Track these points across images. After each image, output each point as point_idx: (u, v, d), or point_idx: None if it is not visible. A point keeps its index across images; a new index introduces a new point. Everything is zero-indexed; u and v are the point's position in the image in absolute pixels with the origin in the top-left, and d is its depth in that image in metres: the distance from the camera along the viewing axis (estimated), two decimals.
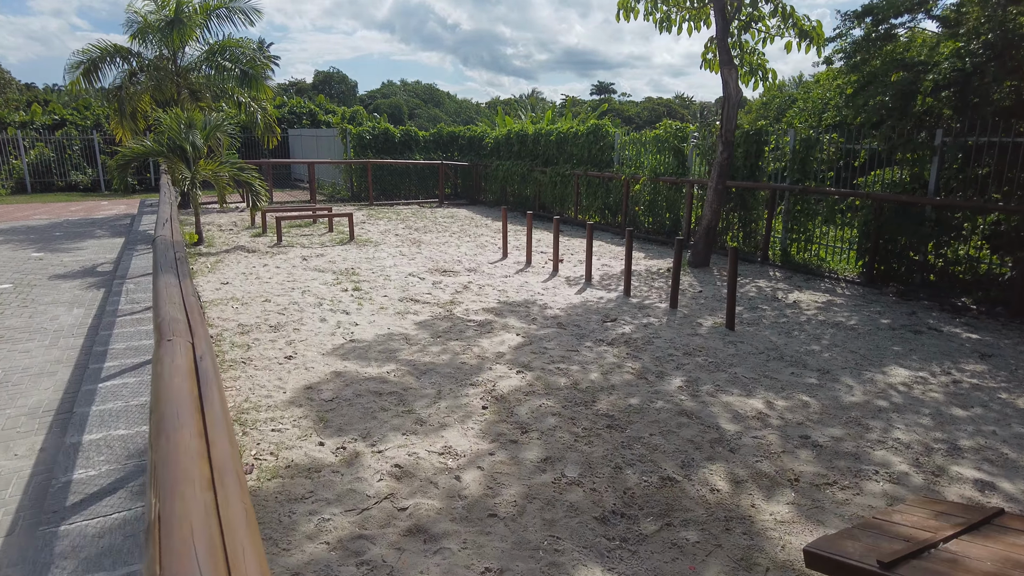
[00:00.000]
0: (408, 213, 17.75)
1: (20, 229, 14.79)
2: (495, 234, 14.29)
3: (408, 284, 9.30)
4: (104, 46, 16.31)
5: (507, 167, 18.46)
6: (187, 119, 11.17)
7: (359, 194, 20.31)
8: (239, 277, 9.47)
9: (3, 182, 24.35)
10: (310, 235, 13.48)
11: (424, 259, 11.25)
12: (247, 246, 11.97)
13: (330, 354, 6.22)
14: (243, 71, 16.45)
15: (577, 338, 6.91)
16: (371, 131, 20.39)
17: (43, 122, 26.12)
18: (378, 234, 13.92)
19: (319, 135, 24.54)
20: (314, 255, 11.29)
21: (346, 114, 28.52)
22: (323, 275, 9.71)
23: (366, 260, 11.00)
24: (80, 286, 9.28)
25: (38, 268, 10.62)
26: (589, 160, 15.37)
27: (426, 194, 21.23)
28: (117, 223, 15.62)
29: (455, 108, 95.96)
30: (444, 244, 12.85)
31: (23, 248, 12.42)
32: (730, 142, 10.20)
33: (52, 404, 5.16)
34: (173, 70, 16.89)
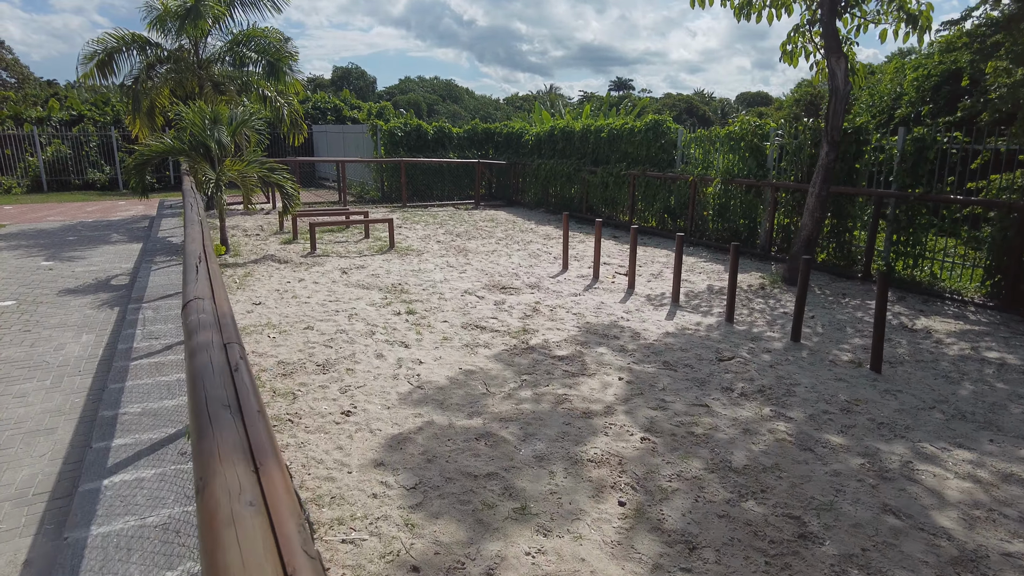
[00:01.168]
0: (445, 216, 16.47)
1: (31, 233, 13.69)
2: (545, 240, 12.96)
3: (467, 305, 8.00)
4: (121, 35, 15.14)
5: (550, 166, 17.11)
6: (212, 114, 9.95)
7: (390, 195, 19.07)
8: (272, 295, 8.22)
9: (19, 180, 23.41)
10: (345, 242, 12.23)
11: (476, 272, 9.95)
12: (278, 255, 10.73)
13: (398, 406, 4.93)
14: (269, 63, 15.23)
15: (695, 384, 5.58)
16: (403, 127, 19.13)
17: (61, 118, 25.15)
18: (418, 241, 12.65)
19: (345, 132, 23.32)
20: (354, 267, 10.03)
21: (372, 110, 27.33)
22: (369, 293, 8.44)
23: (412, 273, 9.72)
24: (91, 303, 8.09)
25: (47, 280, 9.45)
26: (647, 159, 14.00)
27: (460, 195, 19.94)
28: (134, 226, 14.49)
29: (474, 104, 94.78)
30: (493, 253, 11.55)
31: (33, 255, 11.29)
32: (837, 142, 8.80)
33: (47, 481, 3.93)
34: (194, 62, 15.71)
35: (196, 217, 5.01)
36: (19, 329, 7.14)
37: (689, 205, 12.74)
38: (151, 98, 15.99)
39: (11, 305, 8.26)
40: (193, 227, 4.37)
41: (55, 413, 5.00)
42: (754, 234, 11.83)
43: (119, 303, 8.02)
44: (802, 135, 10.61)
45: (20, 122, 24.63)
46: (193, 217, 5.00)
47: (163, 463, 3.30)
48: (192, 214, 5.20)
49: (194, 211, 5.36)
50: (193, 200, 5.86)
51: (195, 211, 5.38)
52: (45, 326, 7.29)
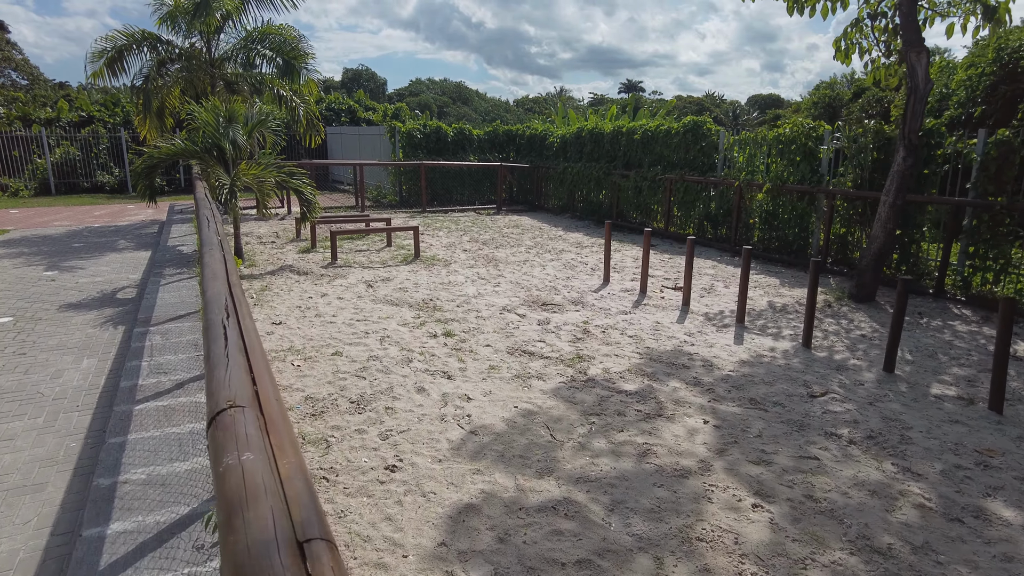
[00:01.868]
0: (467, 222, 15.68)
1: (35, 239, 13.01)
2: (577, 249, 12.15)
3: (508, 325, 7.21)
4: (131, 32, 14.47)
5: (577, 170, 16.31)
6: (227, 112, 9.21)
7: (408, 199, 18.31)
8: (294, 313, 7.45)
9: (26, 183, 22.82)
10: (366, 251, 11.47)
11: (511, 285, 9.16)
12: (297, 266, 9.97)
13: (451, 459, 4.14)
14: (285, 61, 14.51)
15: (793, 428, 4.76)
16: (422, 129, 18.37)
17: (70, 119, 24.57)
18: (443, 249, 11.87)
19: (361, 133, 22.60)
20: (379, 279, 9.26)
21: (388, 111, 26.62)
22: (399, 310, 7.65)
23: (443, 287, 8.94)
24: (95, 321, 7.34)
25: (48, 293, 8.73)
26: (685, 162, 13.18)
27: (481, 199, 19.16)
28: (143, 232, 13.79)
29: (484, 107, 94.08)
30: (525, 263, 10.75)
31: (35, 264, 10.58)
32: (916, 146, 7.96)
33: (30, 562, 3.16)
34: (206, 60, 15.02)
35: (215, 238, 4.07)
36: (13, 352, 6.41)
37: (733, 212, 11.91)
38: (161, 98, 15.31)
39: (7, 322, 7.53)
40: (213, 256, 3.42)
41: (46, 463, 4.24)
42: (805, 244, 10.99)
43: (124, 321, 7.27)
44: (863, 138, 9.77)
45: (29, 123, 24.05)
46: (212, 239, 4.06)
47: (173, 564, 2.52)
48: (210, 233, 4.25)
49: (212, 229, 4.41)
50: (209, 214, 4.95)
51: (213, 228, 4.44)
52: (42, 348, 6.55)
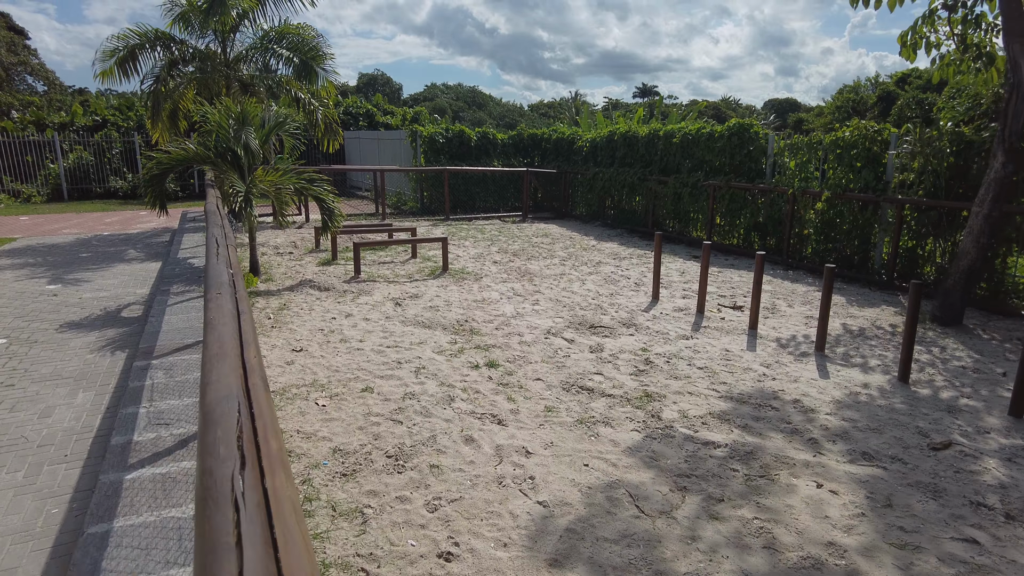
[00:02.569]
0: (493, 231, 14.86)
1: (41, 248, 12.34)
2: (616, 261, 11.29)
3: (558, 352, 6.36)
4: (144, 31, 13.80)
5: (609, 175, 15.45)
6: (239, 113, 8.45)
7: (430, 206, 17.53)
8: (316, 337, 6.65)
9: (39, 188, 22.32)
10: (391, 263, 10.67)
11: (551, 303, 8.32)
12: (317, 280, 9.19)
13: (521, 550, 3.29)
14: (303, 61, 13.78)
15: (927, 493, 3.86)
16: (444, 134, 17.60)
17: (84, 123, 24.07)
18: (472, 261, 11.05)
19: (380, 138, 21.87)
20: (407, 296, 8.45)
21: (407, 115, 25.92)
22: (432, 334, 6.83)
23: (477, 305, 8.12)
24: (95, 344, 6.59)
25: (48, 310, 8.00)
26: (730, 168, 12.29)
27: (505, 206, 18.35)
28: (153, 241, 13.10)
29: (499, 111, 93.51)
30: (562, 278, 9.90)
31: (39, 276, 9.89)
32: (1018, 150, 7.04)
33: None
34: (221, 60, 14.34)
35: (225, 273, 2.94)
36: (2, 381, 5.65)
37: (786, 223, 11.00)
38: (174, 100, 14.64)
39: (1, 345, 6.79)
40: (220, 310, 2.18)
41: (19, 535, 3.45)
42: (866, 258, 10.06)
43: (128, 343, 6.49)
44: (938, 141, 8.84)
45: (42, 128, 23.59)
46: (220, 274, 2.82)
47: None
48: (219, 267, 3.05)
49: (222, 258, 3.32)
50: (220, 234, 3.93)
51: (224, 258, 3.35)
52: (34, 377, 5.79)
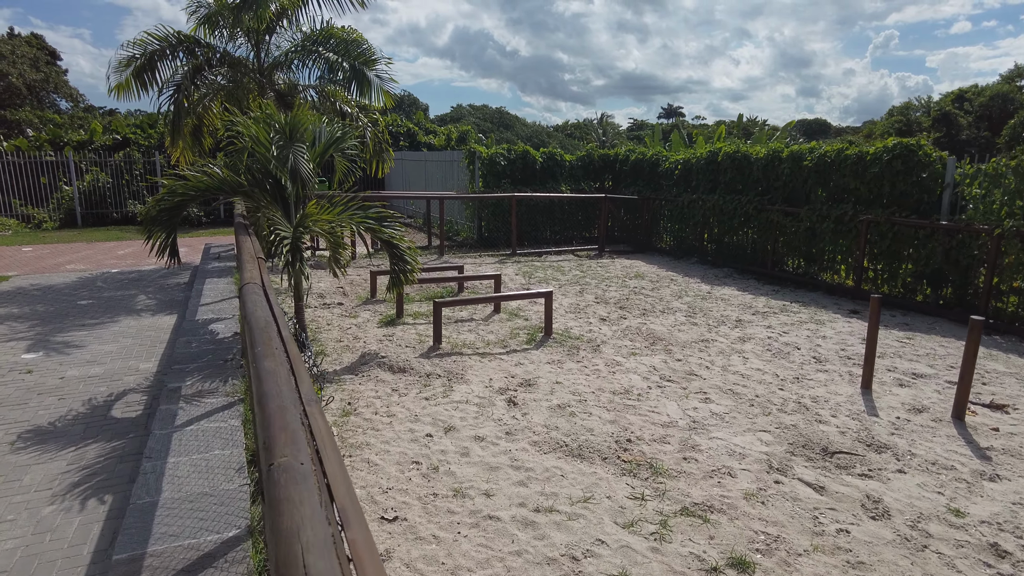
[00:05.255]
0: (573, 269, 12.33)
1: (35, 292, 10.06)
2: (760, 319, 8.69)
3: (820, 520, 3.79)
4: (164, 35, 11.63)
5: (711, 203, 12.90)
6: (286, 125, 6.06)
7: (489, 238, 15.07)
8: (411, 483, 4.13)
9: (51, 213, 20.32)
10: (469, 321, 8.17)
11: (725, 397, 5.76)
12: (385, 354, 6.71)
13: None
14: (353, 68, 11.50)
15: None
16: (507, 155, 15.20)
17: (103, 142, 22.13)
18: (571, 316, 8.54)
19: (428, 159, 19.54)
20: (516, 382, 5.93)
21: (452, 134, 23.67)
22: (592, 472, 4.27)
23: (623, 402, 5.58)
24: (62, 484, 4.16)
25: (13, 401, 5.61)
26: (890, 198, 9.69)
27: (576, 238, 15.84)
28: (169, 282, 10.78)
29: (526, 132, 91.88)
30: (708, 347, 7.34)
31: (18, 337, 7.56)
32: None
33: None
34: (254, 67, 12.12)
35: (302, 449, 0.91)
36: None
37: (987, 271, 8.34)
38: (198, 114, 12.43)
39: None
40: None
41: None
42: None
43: (111, 486, 4.05)
44: None
45: (59, 147, 21.68)
46: (297, 444, 0.90)
47: None
48: (291, 425, 0.96)
49: (294, 408, 1.18)
50: (279, 350, 1.67)
51: (297, 411, 1.20)
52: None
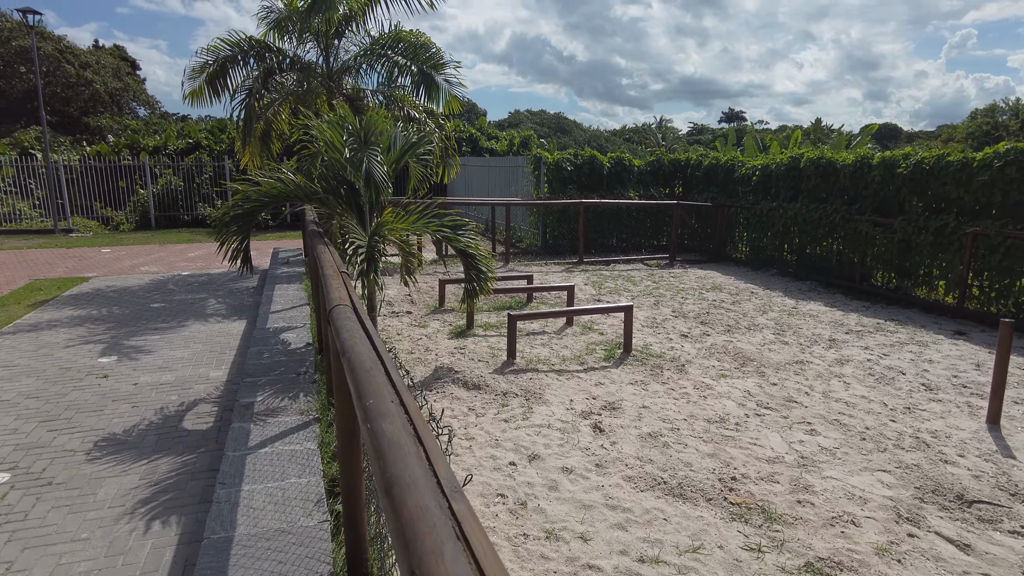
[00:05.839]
0: (645, 280, 11.83)
1: (112, 293, 10.23)
2: (855, 338, 8.02)
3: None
4: (235, 40, 11.71)
5: (793, 212, 12.19)
6: (361, 128, 5.84)
7: (554, 245, 14.69)
8: (499, 520, 3.77)
9: (127, 215, 21.02)
10: (542, 334, 7.81)
11: (832, 428, 5.21)
12: (458, 369, 6.41)
13: None
14: (422, 71, 11.33)
15: None
16: (573, 160, 14.80)
17: (176, 147, 22.82)
18: (649, 331, 8.07)
19: (491, 164, 19.33)
20: (598, 405, 5.52)
21: (514, 139, 23.42)
22: (696, 516, 3.83)
23: (719, 431, 5.10)
24: (134, 499, 3.99)
25: (89, 408, 5.54)
26: (1001, 209, 8.86)
27: (645, 246, 15.29)
28: (239, 287, 10.80)
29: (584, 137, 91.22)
30: (803, 369, 6.77)
31: (96, 340, 7.61)
32: None
33: None
34: (323, 72, 12.10)
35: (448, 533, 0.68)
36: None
37: None
38: (267, 119, 12.50)
39: (1, 485, 4.30)
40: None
41: None
42: None
43: (185, 506, 3.84)
44: None
45: (136, 152, 22.46)
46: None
47: None
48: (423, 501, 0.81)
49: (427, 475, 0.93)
50: (403, 430, 1.42)
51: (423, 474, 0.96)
52: None
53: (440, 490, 1.10)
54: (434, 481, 1.13)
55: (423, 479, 1.12)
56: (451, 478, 1.16)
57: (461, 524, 0.99)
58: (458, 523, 0.99)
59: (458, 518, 1.01)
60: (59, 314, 8.91)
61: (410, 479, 1.11)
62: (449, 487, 1.12)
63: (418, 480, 1.11)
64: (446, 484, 1.13)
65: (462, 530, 0.97)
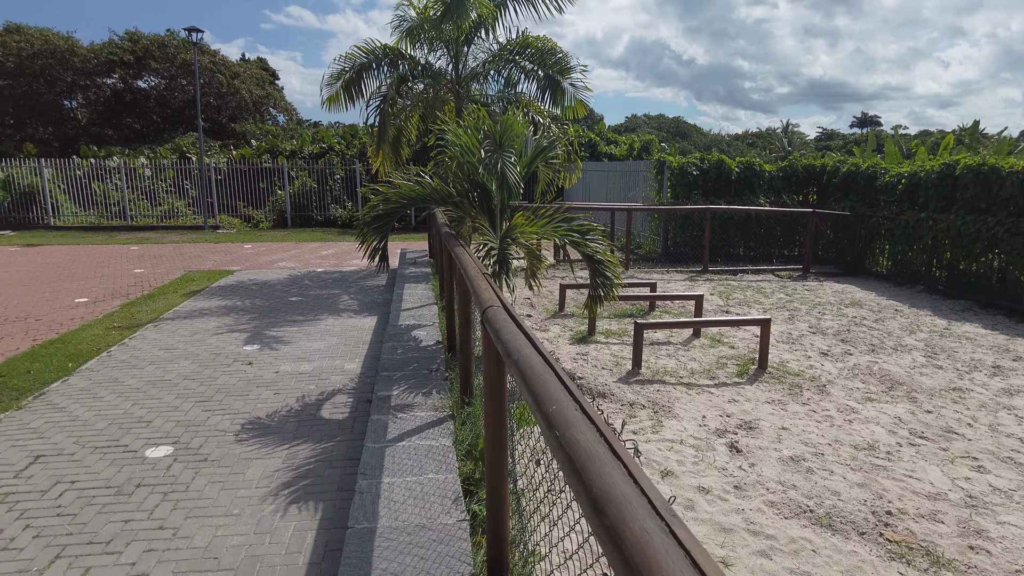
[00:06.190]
0: (776, 292, 11.21)
1: (253, 286, 11.01)
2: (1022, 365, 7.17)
3: None
4: (371, 48, 12.28)
5: (946, 224, 11.12)
6: (498, 132, 5.90)
7: (676, 252, 14.28)
8: None
9: (266, 215, 22.64)
10: (665, 342, 7.57)
11: (1003, 467, 4.65)
12: (583, 376, 6.33)
13: None
14: (549, 77, 11.36)
15: None
16: (699, 165, 14.32)
17: (311, 151, 24.37)
18: (785, 347, 7.60)
19: (611, 169, 19.13)
20: (732, 422, 5.25)
21: (634, 143, 23.05)
22: (852, 552, 3.52)
23: (868, 460, 4.69)
24: (276, 483, 4.20)
25: (236, 391, 5.95)
26: None
27: (777, 256, 14.53)
28: (369, 284, 11.29)
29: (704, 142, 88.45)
30: (963, 396, 6.11)
31: (240, 329, 8.19)
32: None
33: None
34: (452, 78, 12.42)
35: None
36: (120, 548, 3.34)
37: None
38: (398, 125, 13.02)
39: (165, 457, 4.69)
40: None
41: None
42: None
43: (322, 493, 4.01)
44: None
45: (275, 155, 24.18)
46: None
47: None
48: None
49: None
50: (596, 440, 1.39)
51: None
52: (176, 550, 3.46)
53: (655, 511, 1.02)
54: (645, 500, 1.05)
55: (635, 498, 1.05)
56: (660, 498, 1.08)
57: (691, 554, 0.91)
58: (688, 553, 0.91)
59: (686, 546, 0.92)
60: (209, 303, 9.68)
61: (622, 497, 1.03)
62: (662, 508, 1.04)
63: (630, 499, 1.04)
64: (658, 504, 1.05)
65: (694, 562, 0.89)
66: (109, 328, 8.31)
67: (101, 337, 7.89)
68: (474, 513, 3.26)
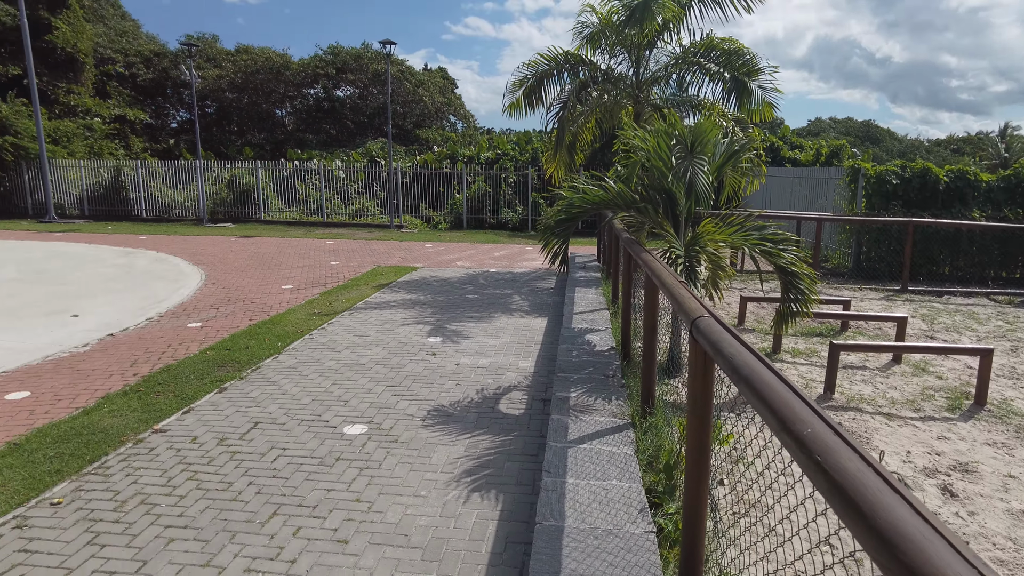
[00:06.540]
0: (997, 321, 9.80)
1: (434, 282, 11.70)
2: None
3: None
4: (553, 55, 12.52)
5: None
6: (689, 135, 5.74)
7: (869, 268, 13.03)
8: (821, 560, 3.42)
9: (444, 216, 23.95)
10: (860, 367, 6.92)
11: None
12: None
13: None
14: (734, 78, 10.89)
15: None
16: (899, 173, 12.96)
17: (487, 156, 25.43)
18: (1007, 383, 6.64)
19: (794, 176, 17.94)
20: (941, 462, 4.68)
21: (822, 149, 21.43)
22: None
23: None
24: (459, 468, 4.42)
25: (422, 379, 6.36)
26: None
27: (991, 278, 12.77)
28: (539, 286, 11.53)
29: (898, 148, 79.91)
30: None
31: (424, 321, 8.73)
32: None
33: None
34: (632, 82, 12.31)
35: None
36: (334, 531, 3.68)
37: None
38: (574, 131, 13.16)
39: (361, 435, 5.12)
40: None
41: None
42: None
43: (504, 479, 4.15)
44: None
45: (454, 161, 25.53)
46: None
47: None
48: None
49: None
50: (864, 468, 1.32)
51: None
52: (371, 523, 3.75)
53: (956, 552, 0.92)
54: (941, 538, 0.96)
55: (930, 534, 0.95)
56: (955, 536, 0.97)
57: None
58: None
59: None
60: (396, 296, 10.42)
61: (918, 534, 0.95)
62: (961, 547, 0.94)
63: (926, 535, 0.95)
64: (956, 543, 0.95)
65: None
66: (310, 313, 9.23)
67: (304, 321, 8.79)
68: (659, 526, 3.19)
